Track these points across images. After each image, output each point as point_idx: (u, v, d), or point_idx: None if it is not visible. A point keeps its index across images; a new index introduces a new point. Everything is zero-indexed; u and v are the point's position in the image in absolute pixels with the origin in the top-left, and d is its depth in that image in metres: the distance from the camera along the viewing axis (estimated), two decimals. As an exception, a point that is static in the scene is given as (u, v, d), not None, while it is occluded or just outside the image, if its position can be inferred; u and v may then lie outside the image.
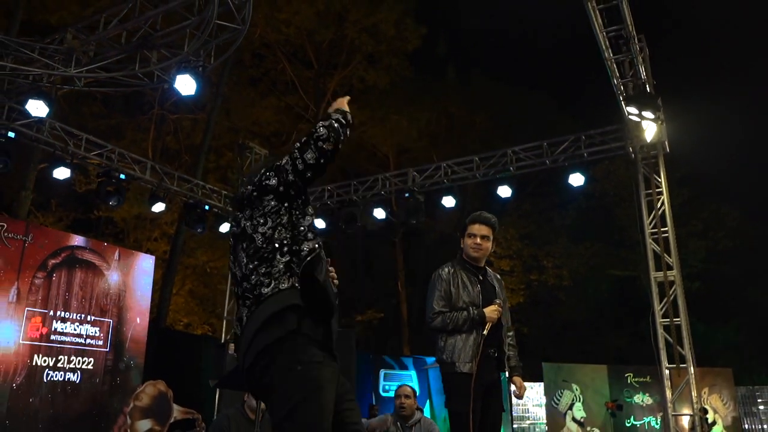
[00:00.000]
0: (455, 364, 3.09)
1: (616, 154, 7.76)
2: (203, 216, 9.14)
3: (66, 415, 7.47)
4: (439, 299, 3.23)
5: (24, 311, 7.23)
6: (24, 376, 7.12)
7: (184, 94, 5.49)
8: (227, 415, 4.43)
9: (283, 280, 2.08)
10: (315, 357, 2.02)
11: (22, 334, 7.18)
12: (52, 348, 7.48)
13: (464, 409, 2.95)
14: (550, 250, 19.67)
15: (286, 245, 2.15)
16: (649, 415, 12.34)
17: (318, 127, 2.19)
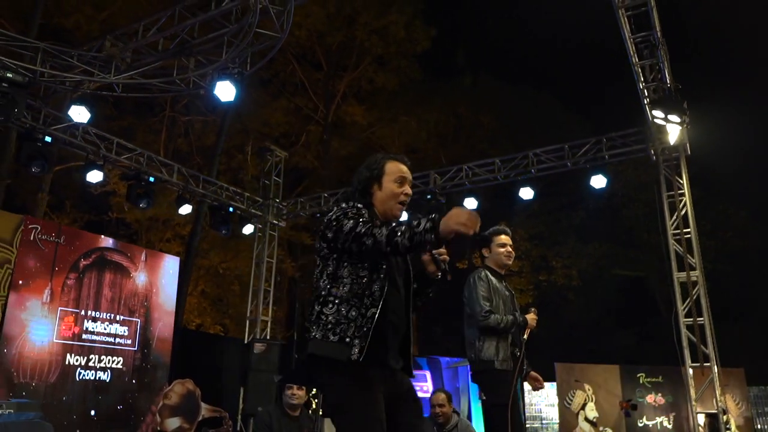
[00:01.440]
0: (494, 362, 3.31)
1: (637, 156, 7.88)
2: (227, 218, 9.29)
3: (97, 413, 7.62)
4: (485, 300, 3.45)
5: (57, 311, 7.39)
6: (58, 375, 7.26)
7: (223, 100, 5.63)
8: (268, 411, 4.59)
9: (313, 329, 2.28)
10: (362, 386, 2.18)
11: (55, 334, 7.33)
12: (83, 347, 7.63)
13: (504, 401, 3.15)
14: (558, 251, 19.76)
15: (323, 296, 2.29)
16: (661, 415, 12.43)
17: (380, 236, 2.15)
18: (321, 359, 2.21)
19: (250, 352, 8.52)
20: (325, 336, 2.21)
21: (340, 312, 2.22)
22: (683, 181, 7.08)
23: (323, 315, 2.25)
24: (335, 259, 2.29)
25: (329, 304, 2.25)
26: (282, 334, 18.71)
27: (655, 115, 6.23)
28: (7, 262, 7.01)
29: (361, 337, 2.17)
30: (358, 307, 2.22)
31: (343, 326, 2.20)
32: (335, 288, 2.26)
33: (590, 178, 7.73)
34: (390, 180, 2.39)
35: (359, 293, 2.23)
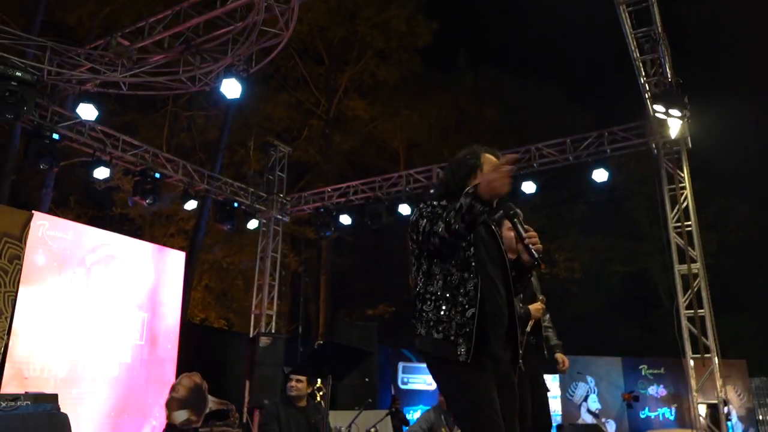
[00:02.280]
0: None
1: (638, 150, 7.93)
2: (232, 213, 9.37)
3: (106, 407, 7.74)
4: None
5: (65, 306, 7.50)
6: (67, 369, 7.38)
7: (229, 97, 5.70)
8: (275, 403, 4.69)
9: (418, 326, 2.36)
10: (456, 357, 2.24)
11: (63, 328, 7.44)
12: (91, 341, 7.74)
13: None
14: (561, 244, 19.83)
15: (420, 293, 2.37)
16: (663, 406, 12.54)
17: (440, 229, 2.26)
18: (430, 358, 2.32)
19: (255, 346, 8.61)
20: (429, 333, 2.29)
21: (439, 309, 2.29)
22: (684, 175, 7.14)
23: (424, 312, 2.33)
24: (425, 257, 2.37)
25: (427, 302, 2.33)
26: (285, 328, 18.81)
27: (656, 110, 6.28)
28: (17, 257, 7.10)
29: (464, 337, 2.24)
30: (454, 305, 2.28)
31: (445, 324, 2.27)
32: (430, 285, 2.34)
33: (592, 172, 7.80)
34: (488, 170, 2.48)
35: (453, 292, 2.29)
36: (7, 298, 6.93)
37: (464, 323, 2.24)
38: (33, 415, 3.14)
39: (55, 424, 3.23)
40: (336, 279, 20.67)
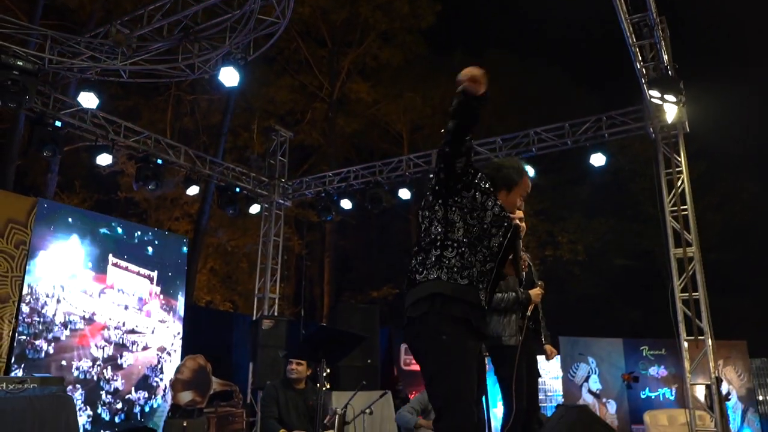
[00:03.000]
0: (501, 338, 3.46)
1: (636, 134, 7.96)
2: (234, 198, 9.47)
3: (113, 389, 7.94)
4: None
5: (71, 290, 7.66)
6: (75, 352, 7.56)
7: (228, 85, 5.76)
8: (274, 385, 4.82)
9: (432, 272, 2.33)
10: (459, 330, 2.28)
11: (70, 312, 7.62)
12: (98, 325, 7.91)
13: (510, 375, 3.32)
14: (564, 226, 19.85)
15: (439, 240, 2.37)
16: (664, 386, 12.66)
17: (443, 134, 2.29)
18: (429, 327, 2.28)
19: (258, 329, 8.77)
20: (452, 278, 2.29)
21: (464, 256, 2.31)
22: (681, 159, 7.17)
23: (444, 258, 2.32)
24: (441, 204, 2.38)
25: (449, 248, 2.32)
26: (290, 311, 19.01)
27: (652, 95, 6.30)
28: (23, 243, 7.24)
29: (484, 283, 2.31)
30: (475, 254, 2.32)
31: (470, 270, 2.30)
32: (450, 233, 2.34)
33: (590, 156, 7.84)
34: (519, 193, 2.60)
35: (474, 242, 2.33)
36: (14, 283, 7.09)
37: (484, 272, 2.32)
38: (40, 397, 3.27)
39: (61, 405, 3.36)
40: (340, 261, 20.84)
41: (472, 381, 2.31)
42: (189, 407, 7.92)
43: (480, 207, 2.38)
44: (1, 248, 7.01)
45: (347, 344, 3.69)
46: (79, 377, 7.53)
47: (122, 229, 8.43)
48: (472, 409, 2.26)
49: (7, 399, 3.12)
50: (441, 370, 2.29)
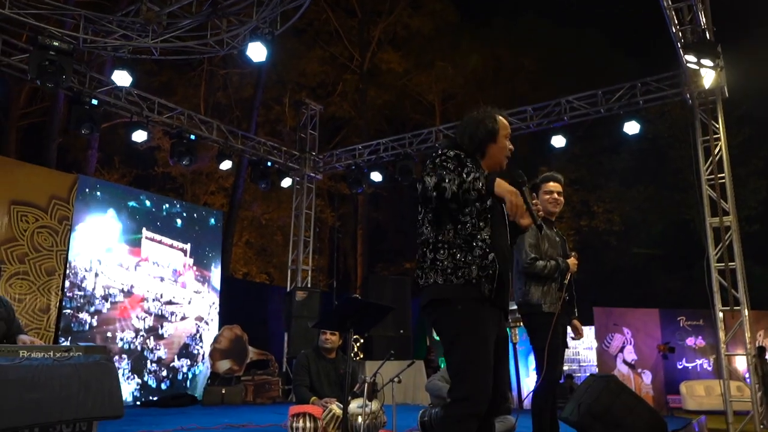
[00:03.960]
0: (541, 305, 3.49)
1: (672, 100, 7.73)
2: (266, 172, 9.59)
3: (156, 358, 8.27)
4: (532, 247, 3.60)
5: (112, 264, 7.97)
6: (117, 324, 7.89)
7: (255, 60, 5.81)
8: (306, 354, 4.95)
9: (430, 275, 2.38)
10: (475, 300, 2.32)
11: (111, 285, 7.93)
12: (139, 297, 8.22)
13: (545, 344, 3.36)
14: (600, 195, 19.46)
15: (431, 242, 2.41)
16: (701, 357, 12.51)
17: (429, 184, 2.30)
18: (442, 304, 2.34)
19: (292, 300, 8.97)
20: (448, 280, 2.32)
21: (456, 257, 2.33)
22: (719, 125, 6.94)
23: (438, 261, 2.35)
24: (432, 209, 2.39)
25: (440, 250, 2.36)
26: (324, 282, 19.29)
27: (688, 60, 6.09)
28: (66, 218, 7.53)
29: (487, 278, 2.31)
30: (471, 251, 2.33)
31: (464, 270, 2.31)
32: (441, 234, 2.37)
33: (623, 124, 7.66)
34: (503, 135, 2.56)
35: (467, 239, 2.34)
36: (59, 257, 7.40)
37: (486, 266, 2.32)
38: (84, 364, 3.43)
39: (105, 372, 3.52)
40: (373, 233, 20.96)
41: (488, 350, 2.33)
42: (227, 375, 8.22)
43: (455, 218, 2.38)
44: (46, 224, 7.31)
45: (375, 315, 3.76)
46: (124, 347, 7.87)
47: (151, 202, 8.67)
48: (486, 378, 2.29)
49: (54, 366, 3.29)
50: (456, 340, 2.32)
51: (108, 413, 3.46)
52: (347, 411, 3.64)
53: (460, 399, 2.27)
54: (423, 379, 8.31)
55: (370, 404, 4.22)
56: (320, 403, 4.34)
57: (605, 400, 4.35)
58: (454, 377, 2.33)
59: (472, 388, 2.26)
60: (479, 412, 2.26)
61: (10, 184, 7.02)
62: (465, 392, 2.26)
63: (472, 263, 2.33)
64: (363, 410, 4.11)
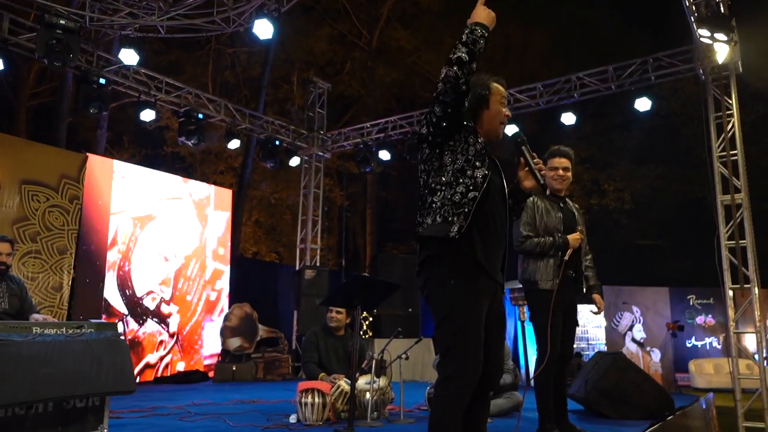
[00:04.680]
0: (537, 282, 3.47)
1: (685, 76, 7.61)
2: (274, 151, 9.59)
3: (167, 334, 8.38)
4: (526, 225, 3.57)
5: (121, 243, 8.04)
6: (126, 302, 7.99)
7: (262, 38, 5.77)
8: (314, 332, 5.00)
9: (436, 216, 2.32)
10: (467, 275, 2.28)
11: (120, 263, 8.01)
12: (148, 277, 8.31)
13: (545, 321, 3.34)
14: (611, 174, 19.31)
15: (430, 187, 2.38)
16: (711, 335, 12.50)
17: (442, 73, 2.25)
18: (433, 270, 2.31)
19: (301, 279, 9.03)
20: (434, 220, 2.31)
21: (445, 196, 2.31)
22: (732, 102, 6.83)
23: (433, 203, 2.34)
24: (437, 154, 2.36)
25: (437, 193, 2.34)
26: (333, 261, 19.38)
27: (701, 34, 5.97)
28: (76, 198, 7.59)
29: (460, 215, 2.25)
30: (455, 187, 2.31)
31: (447, 207, 2.29)
32: (439, 176, 2.35)
33: (634, 101, 7.56)
34: (496, 100, 2.50)
35: (457, 175, 2.32)
36: (70, 236, 7.48)
37: (463, 203, 2.28)
38: (96, 340, 3.48)
39: (116, 348, 3.58)
40: (382, 212, 20.97)
41: (479, 324, 2.30)
42: (237, 353, 8.32)
43: (463, 141, 2.35)
44: (57, 203, 7.37)
45: (381, 292, 3.78)
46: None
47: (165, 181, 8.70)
48: (477, 352, 2.27)
49: (68, 342, 3.34)
50: (447, 314, 2.29)
51: (120, 388, 3.52)
52: (355, 387, 3.68)
53: (450, 376, 2.26)
54: (431, 356, 8.38)
55: (377, 380, 4.27)
56: (329, 380, 4.40)
57: (612, 377, 4.37)
58: (443, 353, 2.31)
59: (461, 365, 2.24)
60: (470, 388, 2.25)
61: (21, 164, 7.07)
62: (454, 369, 2.25)
63: (456, 202, 2.29)
64: (371, 386, 4.16)
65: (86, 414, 3.43)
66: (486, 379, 2.33)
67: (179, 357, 8.43)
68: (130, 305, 7.96)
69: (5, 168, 6.89)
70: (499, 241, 2.42)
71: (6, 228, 6.69)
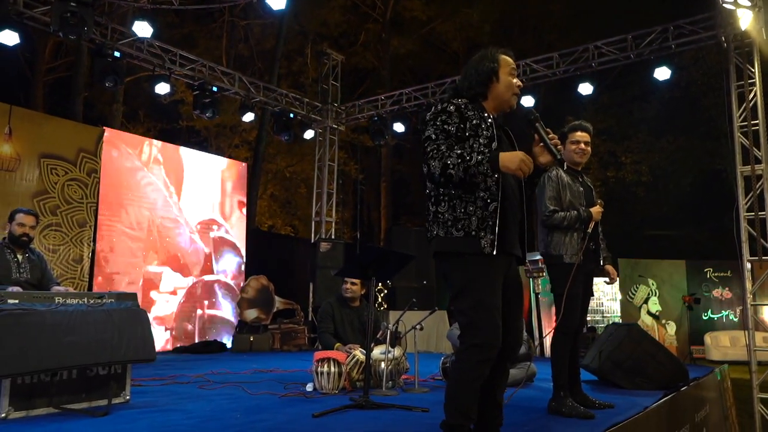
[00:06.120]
0: (562, 256, 3.50)
1: (706, 44, 7.42)
2: (289, 124, 9.58)
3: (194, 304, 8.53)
4: (552, 199, 3.59)
5: (139, 215, 8.14)
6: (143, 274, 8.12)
7: (275, 8, 5.72)
8: (330, 303, 5.07)
9: (433, 228, 2.41)
10: (483, 249, 2.31)
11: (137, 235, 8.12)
12: (166, 250, 8.42)
13: (568, 292, 3.40)
14: (629, 146, 19.05)
15: (433, 195, 2.42)
16: (727, 308, 12.44)
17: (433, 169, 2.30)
18: (448, 254, 2.36)
19: (316, 251, 9.10)
20: (449, 233, 2.33)
21: (456, 209, 2.33)
22: (755, 70, 6.67)
23: (439, 214, 2.37)
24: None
25: (442, 203, 2.36)
26: (348, 234, 19.46)
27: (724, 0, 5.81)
28: (94, 171, 7.68)
29: (486, 229, 2.30)
30: (473, 201, 2.32)
31: (463, 222, 2.31)
32: (442, 186, 2.36)
33: (654, 70, 7.41)
34: (506, 72, 2.48)
35: (471, 189, 2.32)
36: (89, 209, 7.59)
37: (486, 217, 2.31)
38: (117, 310, 3.56)
39: (136, 318, 3.67)
40: (396, 185, 20.95)
41: (497, 296, 2.34)
42: (254, 324, 8.45)
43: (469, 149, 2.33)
44: (76, 176, 7.47)
45: (396, 263, 3.81)
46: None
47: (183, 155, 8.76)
48: (497, 322, 2.30)
49: (89, 312, 3.42)
50: (465, 286, 2.33)
51: (141, 356, 3.61)
52: (370, 356, 3.73)
53: (471, 346, 2.30)
54: (445, 328, 8.44)
55: (392, 350, 4.33)
56: (344, 349, 4.47)
57: (627, 348, 4.38)
58: (463, 326, 2.35)
59: (481, 335, 2.28)
60: (490, 358, 2.29)
61: (40, 138, 7.15)
62: (475, 339, 2.29)
63: (472, 214, 2.32)
64: (386, 356, 4.22)
65: (109, 381, 3.52)
66: (505, 349, 2.37)
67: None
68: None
69: (24, 142, 6.98)
70: (515, 219, 2.45)
71: (26, 201, 6.80)
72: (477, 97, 2.48)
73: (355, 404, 3.48)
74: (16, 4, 6.21)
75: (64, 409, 3.32)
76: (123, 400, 3.63)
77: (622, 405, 3.57)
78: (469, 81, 2.49)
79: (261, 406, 3.64)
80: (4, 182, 6.77)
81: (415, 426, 3.07)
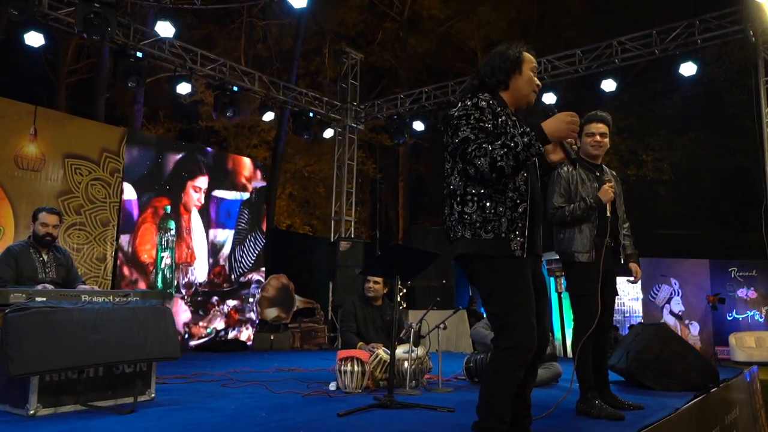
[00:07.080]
0: (574, 254, 3.38)
1: (733, 38, 7.28)
2: (308, 123, 9.59)
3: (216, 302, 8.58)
4: (559, 196, 3.46)
5: (160, 214, 8.19)
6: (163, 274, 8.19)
7: (296, 6, 5.72)
8: (352, 301, 5.05)
9: (458, 229, 2.32)
10: (513, 252, 2.26)
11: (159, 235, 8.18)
12: (185, 249, 8.47)
13: (582, 292, 3.29)
14: (650, 143, 18.79)
15: (459, 194, 2.34)
16: (753, 308, 12.21)
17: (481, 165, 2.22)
18: (475, 257, 2.29)
19: (336, 250, 9.10)
20: (476, 234, 2.26)
21: (485, 209, 2.26)
22: (784, 65, 6.55)
23: (465, 215, 2.28)
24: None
25: (469, 203, 2.28)
26: (366, 233, 19.45)
27: (754, -7, 5.69)
28: (117, 171, 7.75)
29: (517, 231, 2.25)
30: (503, 202, 2.26)
31: (494, 223, 2.25)
32: (470, 186, 2.29)
33: (679, 66, 7.29)
34: (528, 67, 2.44)
35: (500, 188, 2.26)
36: (112, 208, 7.66)
37: (516, 218, 2.26)
38: (142, 308, 3.58)
39: (161, 315, 3.68)
40: (414, 185, 20.90)
41: (530, 296, 2.30)
42: (275, 323, 8.48)
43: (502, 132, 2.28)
44: (99, 176, 7.54)
45: (419, 261, 3.77)
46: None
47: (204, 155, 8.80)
48: (532, 323, 2.26)
49: (115, 310, 3.44)
50: (497, 288, 2.28)
51: (166, 354, 3.62)
52: (394, 356, 3.71)
53: (506, 348, 2.25)
54: (465, 327, 8.40)
55: (416, 350, 4.30)
56: (367, 348, 4.45)
57: (655, 348, 4.30)
58: (497, 327, 2.30)
59: (517, 336, 2.24)
60: (526, 360, 2.25)
61: (64, 138, 7.23)
62: (510, 342, 2.24)
63: (502, 215, 2.26)
64: (409, 355, 4.19)
65: (134, 379, 3.54)
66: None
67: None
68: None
69: (49, 142, 7.06)
70: (540, 219, 2.41)
71: (51, 200, 6.88)
72: (497, 88, 2.43)
73: (380, 404, 3.46)
74: (41, 5, 6.29)
75: (90, 406, 3.34)
76: (148, 397, 3.64)
77: (652, 406, 3.50)
78: (492, 67, 2.44)
79: (285, 405, 3.63)
80: (29, 182, 6.86)
81: (441, 426, 3.03)
